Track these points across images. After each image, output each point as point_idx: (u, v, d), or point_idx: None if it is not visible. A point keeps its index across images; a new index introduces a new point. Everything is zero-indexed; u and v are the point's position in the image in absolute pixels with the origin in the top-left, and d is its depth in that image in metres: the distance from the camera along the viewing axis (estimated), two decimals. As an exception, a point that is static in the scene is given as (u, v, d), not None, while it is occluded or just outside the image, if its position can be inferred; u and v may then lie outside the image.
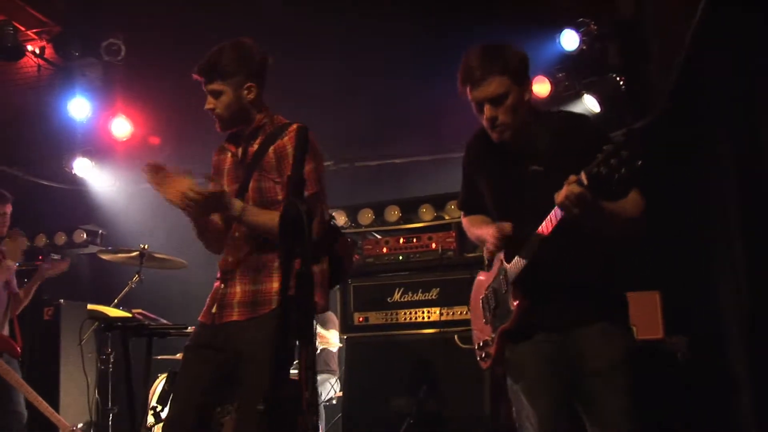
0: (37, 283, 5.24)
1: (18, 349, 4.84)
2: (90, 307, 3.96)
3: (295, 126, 2.90)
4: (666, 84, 5.54)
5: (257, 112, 3.00)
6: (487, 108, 2.72)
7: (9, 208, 5.09)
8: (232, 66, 2.90)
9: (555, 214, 2.54)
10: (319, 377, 6.37)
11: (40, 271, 5.26)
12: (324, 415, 6.23)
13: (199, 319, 3.00)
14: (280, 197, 2.88)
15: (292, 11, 6.61)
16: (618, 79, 5.95)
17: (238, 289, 2.90)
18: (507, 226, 2.73)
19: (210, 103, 2.95)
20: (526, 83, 2.77)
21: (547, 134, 2.76)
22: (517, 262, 2.73)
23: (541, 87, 6.24)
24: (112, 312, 3.90)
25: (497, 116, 2.72)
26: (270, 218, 2.78)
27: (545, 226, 2.59)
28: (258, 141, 2.97)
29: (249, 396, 2.73)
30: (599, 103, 6.00)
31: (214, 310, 2.92)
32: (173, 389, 2.92)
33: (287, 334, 1.93)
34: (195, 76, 2.94)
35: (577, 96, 6.12)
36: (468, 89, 2.75)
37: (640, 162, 2.27)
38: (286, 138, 2.90)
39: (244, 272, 2.91)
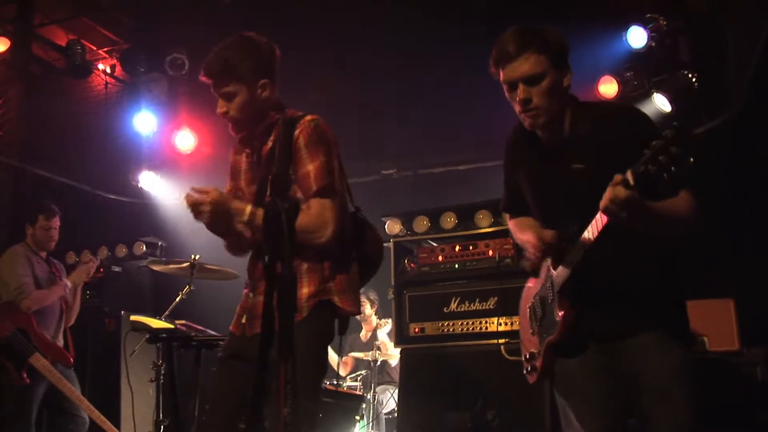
0: (78, 289, 5.24)
1: (71, 359, 4.88)
2: (132, 318, 3.93)
3: (307, 118, 2.76)
4: (743, 78, 5.19)
5: (271, 109, 2.82)
6: (521, 88, 2.47)
7: (57, 223, 5.14)
8: (245, 64, 2.69)
9: (599, 220, 2.31)
10: (379, 387, 6.23)
11: (74, 275, 5.25)
12: (384, 427, 6.08)
13: (230, 328, 2.88)
14: (299, 194, 2.71)
15: (354, 23, 6.56)
16: (690, 75, 5.65)
17: None
18: (548, 233, 2.52)
19: (222, 106, 2.75)
20: (565, 68, 2.53)
21: (587, 127, 2.52)
22: (562, 271, 2.52)
23: (608, 87, 6.03)
24: (155, 323, 3.86)
25: (531, 98, 2.47)
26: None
27: (589, 234, 2.37)
28: (272, 138, 2.81)
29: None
30: (670, 102, 5.75)
31: (243, 320, 2.79)
32: (208, 402, 2.80)
33: (268, 349, 1.78)
34: (203, 79, 2.76)
35: (647, 95, 5.91)
36: (500, 70, 2.51)
37: (692, 159, 2.01)
38: (297, 131, 2.73)
39: None
